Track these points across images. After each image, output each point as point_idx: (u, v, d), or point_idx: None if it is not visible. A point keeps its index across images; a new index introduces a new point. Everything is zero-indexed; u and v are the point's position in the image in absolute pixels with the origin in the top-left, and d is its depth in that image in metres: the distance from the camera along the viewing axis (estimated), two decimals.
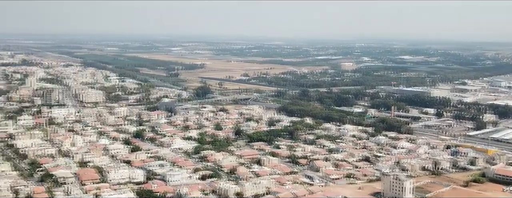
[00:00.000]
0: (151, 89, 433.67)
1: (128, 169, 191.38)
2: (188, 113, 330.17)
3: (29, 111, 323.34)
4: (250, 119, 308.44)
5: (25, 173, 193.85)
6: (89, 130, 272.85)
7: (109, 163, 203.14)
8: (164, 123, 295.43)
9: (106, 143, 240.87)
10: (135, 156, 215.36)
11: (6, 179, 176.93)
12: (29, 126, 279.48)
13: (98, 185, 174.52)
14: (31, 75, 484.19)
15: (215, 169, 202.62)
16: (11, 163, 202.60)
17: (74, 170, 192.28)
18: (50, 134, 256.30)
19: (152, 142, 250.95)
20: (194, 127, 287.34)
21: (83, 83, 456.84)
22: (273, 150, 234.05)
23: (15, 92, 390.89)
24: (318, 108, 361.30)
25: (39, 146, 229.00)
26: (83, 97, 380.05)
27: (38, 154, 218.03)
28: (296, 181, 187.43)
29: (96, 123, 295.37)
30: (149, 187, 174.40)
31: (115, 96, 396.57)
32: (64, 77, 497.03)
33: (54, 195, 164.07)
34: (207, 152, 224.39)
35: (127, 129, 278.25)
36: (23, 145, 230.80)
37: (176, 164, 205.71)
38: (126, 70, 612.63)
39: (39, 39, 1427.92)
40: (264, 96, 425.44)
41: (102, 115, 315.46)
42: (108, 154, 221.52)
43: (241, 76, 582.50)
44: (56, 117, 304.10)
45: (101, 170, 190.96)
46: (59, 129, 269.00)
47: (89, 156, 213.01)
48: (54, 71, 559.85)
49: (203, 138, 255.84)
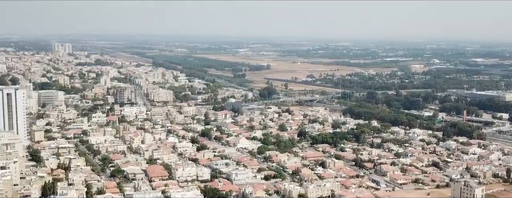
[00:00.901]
0: (218, 90, 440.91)
1: (194, 167, 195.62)
2: (253, 113, 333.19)
3: (102, 108, 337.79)
4: (315, 120, 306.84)
5: (98, 168, 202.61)
6: (159, 128, 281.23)
7: (177, 161, 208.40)
8: (230, 122, 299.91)
9: (174, 141, 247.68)
10: (201, 155, 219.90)
11: (80, 173, 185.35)
12: (102, 123, 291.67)
13: (166, 182, 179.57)
14: (104, 75, 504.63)
15: (279, 169, 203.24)
16: (85, 158, 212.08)
17: (144, 167, 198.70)
18: (121, 131, 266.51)
19: (218, 141, 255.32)
20: (259, 127, 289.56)
21: (154, 83, 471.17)
22: (338, 153, 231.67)
23: (90, 90, 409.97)
24: (385, 110, 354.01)
25: (111, 143, 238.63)
26: (153, 96, 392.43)
27: (110, 150, 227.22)
28: (361, 185, 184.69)
29: (165, 121, 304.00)
30: (215, 185, 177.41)
31: (184, 96, 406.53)
32: (135, 77, 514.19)
33: (124, 191, 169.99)
34: (271, 153, 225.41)
35: (195, 127, 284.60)
36: (96, 141, 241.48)
37: (241, 163, 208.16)
38: (194, 70, 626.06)
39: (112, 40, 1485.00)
40: (330, 98, 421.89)
41: (171, 113, 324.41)
42: (176, 151, 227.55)
43: (306, 77, 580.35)
44: (128, 115, 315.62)
45: (169, 167, 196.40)
46: (130, 127, 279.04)
47: (158, 153, 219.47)
48: (126, 71, 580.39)
49: (268, 138, 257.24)
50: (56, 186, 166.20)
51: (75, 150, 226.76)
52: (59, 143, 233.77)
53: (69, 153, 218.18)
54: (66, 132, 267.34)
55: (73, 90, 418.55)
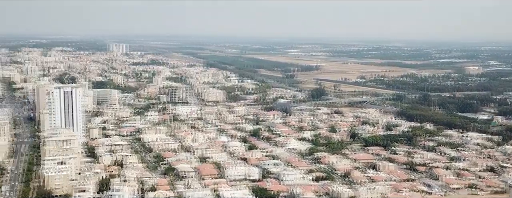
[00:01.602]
0: (268, 90, 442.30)
1: (244, 166, 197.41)
2: (303, 114, 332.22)
3: (156, 107, 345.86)
4: (366, 122, 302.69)
5: (150, 165, 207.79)
6: (210, 127, 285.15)
7: (227, 160, 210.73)
8: (279, 123, 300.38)
9: (224, 140, 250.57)
10: (251, 154, 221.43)
11: (134, 170, 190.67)
12: (155, 121, 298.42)
13: (216, 180, 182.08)
14: (158, 74, 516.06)
15: (328, 171, 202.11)
16: (138, 156, 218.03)
17: (195, 165, 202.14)
18: (173, 130, 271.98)
19: (267, 141, 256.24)
20: (309, 128, 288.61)
21: (205, 83, 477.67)
22: (389, 156, 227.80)
23: (144, 89, 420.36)
24: (439, 113, 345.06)
25: (163, 141, 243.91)
26: (204, 96, 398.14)
27: (162, 148, 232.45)
28: (413, 189, 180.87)
29: (216, 120, 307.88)
30: (264, 185, 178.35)
31: (234, 96, 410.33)
32: (188, 76, 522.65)
33: (176, 188, 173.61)
34: (321, 154, 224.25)
35: (245, 127, 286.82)
36: (149, 139, 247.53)
37: (290, 164, 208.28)
38: (245, 71, 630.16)
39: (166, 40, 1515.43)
40: (382, 99, 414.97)
41: (221, 113, 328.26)
42: (226, 150, 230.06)
43: (357, 78, 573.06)
44: (180, 113, 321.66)
45: (219, 166, 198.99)
46: (182, 125, 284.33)
47: (208, 152, 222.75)
48: (179, 70, 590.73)
49: (317, 139, 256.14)
50: (111, 182, 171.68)
51: (129, 147, 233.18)
52: (114, 140, 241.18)
53: (124, 150, 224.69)
54: (121, 129, 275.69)
55: (128, 89, 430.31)
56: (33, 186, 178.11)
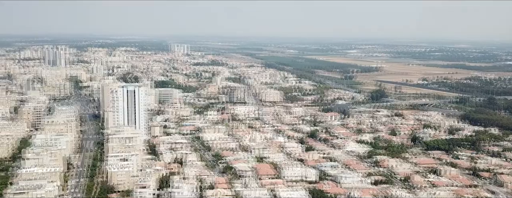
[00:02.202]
0: (326, 91, 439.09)
1: (301, 167, 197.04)
2: (362, 116, 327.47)
3: (215, 107, 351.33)
4: (428, 125, 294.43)
5: (209, 164, 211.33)
6: (267, 128, 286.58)
7: (284, 160, 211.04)
8: (337, 124, 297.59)
9: (282, 140, 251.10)
10: (308, 155, 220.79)
11: (193, 168, 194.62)
12: (214, 120, 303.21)
13: (273, 181, 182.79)
14: (218, 75, 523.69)
15: (388, 175, 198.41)
16: (198, 154, 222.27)
17: (252, 165, 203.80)
18: (232, 129, 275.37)
19: (325, 143, 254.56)
20: (368, 130, 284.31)
21: (263, 83, 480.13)
22: (452, 160, 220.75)
23: (204, 89, 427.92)
24: (505, 117, 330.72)
25: (222, 140, 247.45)
26: (262, 96, 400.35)
27: (221, 147, 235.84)
28: (476, 195, 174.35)
29: (274, 121, 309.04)
30: (321, 187, 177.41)
31: (292, 97, 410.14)
32: (246, 77, 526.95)
33: (234, 187, 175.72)
34: (381, 157, 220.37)
35: (302, 128, 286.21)
36: (208, 138, 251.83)
37: (348, 166, 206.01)
38: (303, 72, 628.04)
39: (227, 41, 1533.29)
40: (445, 102, 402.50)
41: (279, 113, 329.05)
42: (283, 151, 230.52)
43: (419, 80, 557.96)
44: (238, 113, 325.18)
45: (276, 166, 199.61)
46: (240, 125, 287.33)
47: (266, 152, 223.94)
48: (238, 71, 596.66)
49: (377, 142, 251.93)
50: (171, 180, 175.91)
51: (189, 145, 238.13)
52: (175, 138, 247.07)
53: (184, 148, 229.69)
54: (182, 128, 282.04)
55: (189, 89, 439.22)
56: (97, 181, 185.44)
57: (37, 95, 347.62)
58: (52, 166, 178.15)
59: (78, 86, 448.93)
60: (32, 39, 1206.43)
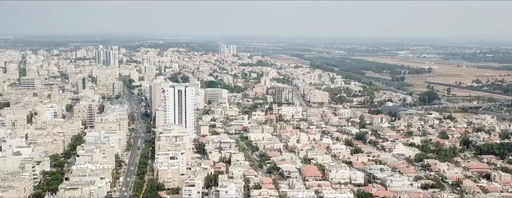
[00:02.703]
0: (375, 93, 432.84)
1: (348, 169, 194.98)
2: (412, 118, 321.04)
3: (262, 107, 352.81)
4: (481, 129, 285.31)
5: (256, 164, 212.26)
6: (314, 129, 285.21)
7: (331, 162, 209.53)
8: (386, 127, 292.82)
9: (328, 142, 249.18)
10: (356, 158, 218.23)
11: (240, 167, 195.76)
12: (261, 121, 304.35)
13: (320, 182, 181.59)
14: (265, 75, 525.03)
15: (438, 179, 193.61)
16: (244, 154, 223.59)
17: (298, 166, 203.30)
18: (278, 130, 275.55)
19: (373, 145, 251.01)
20: (418, 133, 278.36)
21: (310, 84, 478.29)
22: (505, 165, 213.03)
23: (251, 90, 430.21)
24: None
25: (268, 140, 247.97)
26: (309, 97, 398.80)
27: (267, 147, 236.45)
28: None
29: (321, 122, 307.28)
30: (369, 190, 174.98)
31: (340, 98, 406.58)
32: (293, 77, 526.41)
33: (280, 187, 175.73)
34: (431, 161, 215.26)
35: (350, 130, 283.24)
36: (255, 138, 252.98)
37: (397, 169, 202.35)
38: (351, 73, 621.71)
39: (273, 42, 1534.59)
40: (498, 105, 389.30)
41: (326, 115, 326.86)
42: (330, 153, 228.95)
43: (472, 82, 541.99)
44: (285, 114, 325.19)
45: (322, 168, 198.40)
46: (287, 126, 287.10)
47: (312, 153, 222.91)
48: (285, 72, 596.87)
49: (427, 145, 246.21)
50: (218, 178, 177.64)
51: (236, 145, 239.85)
52: (222, 137, 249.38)
53: (230, 147, 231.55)
54: (229, 127, 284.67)
55: (236, 89, 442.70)
56: (146, 178, 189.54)
57: (90, 94, 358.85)
58: (103, 163, 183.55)
59: (129, 86, 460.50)
60: (86, 39, 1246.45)
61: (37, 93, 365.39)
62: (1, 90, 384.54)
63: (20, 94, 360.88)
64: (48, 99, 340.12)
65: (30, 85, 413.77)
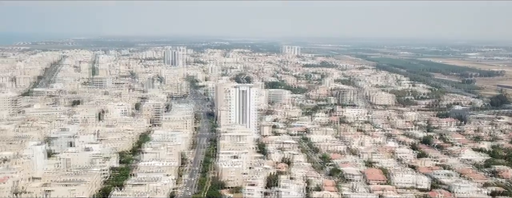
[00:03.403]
0: (442, 96, 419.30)
1: (413, 174, 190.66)
2: (481, 122, 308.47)
3: (324, 108, 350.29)
4: None
5: (317, 165, 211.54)
6: (378, 132, 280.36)
7: (395, 166, 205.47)
8: (453, 131, 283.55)
9: (393, 145, 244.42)
10: (421, 162, 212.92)
11: (301, 169, 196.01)
12: (323, 122, 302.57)
13: (383, 186, 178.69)
14: (328, 76, 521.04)
15: (507, 186, 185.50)
16: (306, 155, 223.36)
17: (361, 169, 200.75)
18: (341, 132, 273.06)
19: (439, 150, 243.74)
20: (487, 138, 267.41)
21: (375, 86, 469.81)
22: None
23: (314, 91, 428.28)
24: None
25: (330, 142, 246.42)
26: (374, 99, 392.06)
27: (329, 149, 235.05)
28: None
29: (385, 125, 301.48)
30: (434, 195, 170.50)
31: (405, 101, 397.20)
32: (357, 79, 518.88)
33: (341, 190, 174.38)
34: (501, 167, 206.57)
35: (415, 134, 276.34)
36: (317, 140, 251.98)
37: (464, 175, 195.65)
38: (418, 74, 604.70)
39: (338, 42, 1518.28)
40: None
41: (391, 117, 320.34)
42: (394, 157, 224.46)
43: None
44: (348, 116, 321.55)
45: (386, 172, 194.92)
46: (350, 128, 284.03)
47: (376, 156, 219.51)
48: (349, 73, 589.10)
49: (496, 151, 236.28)
50: (279, 179, 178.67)
51: (297, 146, 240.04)
52: (284, 138, 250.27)
53: (292, 148, 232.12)
54: (291, 128, 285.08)
55: (298, 90, 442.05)
56: (209, 176, 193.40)
57: (157, 93, 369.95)
58: (168, 160, 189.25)
59: (194, 86, 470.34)
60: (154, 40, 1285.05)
61: (107, 92, 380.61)
62: (75, 89, 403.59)
63: (92, 92, 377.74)
64: (117, 97, 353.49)
65: (101, 84, 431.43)
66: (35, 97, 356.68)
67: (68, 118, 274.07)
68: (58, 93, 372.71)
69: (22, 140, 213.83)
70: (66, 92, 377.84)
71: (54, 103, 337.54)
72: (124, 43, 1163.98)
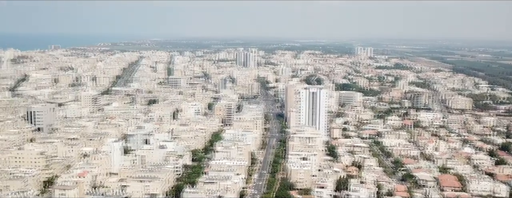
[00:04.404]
0: None
1: (491, 181, 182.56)
2: None
3: (397, 112, 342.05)
4: None
5: (389, 170, 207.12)
6: (454, 137, 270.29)
7: (471, 173, 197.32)
8: None
9: (469, 151, 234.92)
10: (499, 170, 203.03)
11: (372, 173, 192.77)
12: (396, 126, 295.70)
13: (458, 194, 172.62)
14: (402, 79, 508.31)
15: None
16: (377, 159, 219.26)
17: (435, 175, 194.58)
18: (415, 136, 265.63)
19: None
20: None
21: (451, 89, 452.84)
22: None
23: (387, 93, 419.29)
24: None
25: (404, 147, 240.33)
26: (450, 103, 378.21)
27: (402, 154, 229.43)
28: None
29: (461, 130, 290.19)
30: None
31: (483, 105, 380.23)
32: (433, 82, 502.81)
33: (414, 196, 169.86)
34: None
35: (494, 139, 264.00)
36: (389, 144, 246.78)
37: None
38: (498, 78, 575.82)
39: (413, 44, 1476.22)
40: None
41: (468, 122, 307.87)
42: (470, 163, 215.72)
43: None
44: (422, 120, 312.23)
45: (461, 179, 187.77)
46: (424, 132, 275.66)
47: (451, 162, 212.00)
48: (424, 75, 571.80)
49: None
50: (349, 182, 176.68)
51: (368, 150, 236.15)
52: (354, 141, 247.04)
53: (363, 152, 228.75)
54: (362, 131, 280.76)
55: (370, 93, 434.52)
56: (278, 177, 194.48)
57: (229, 94, 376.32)
58: (238, 159, 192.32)
59: (265, 87, 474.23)
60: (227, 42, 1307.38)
61: (182, 92, 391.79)
62: (151, 88, 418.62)
63: (167, 92, 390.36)
64: (191, 97, 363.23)
65: (176, 84, 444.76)
66: (114, 96, 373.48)
67: (144, 116, 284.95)
68: (135, 92, 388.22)
69: (101, 136, 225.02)
70: (143, 92, 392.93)
71: (132, 102, 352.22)
72: (198, 44, 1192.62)
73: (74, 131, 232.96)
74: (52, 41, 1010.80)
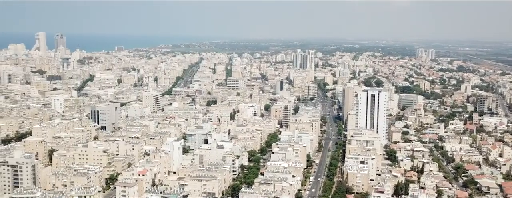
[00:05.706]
0: None
1: None
2: None
3: (460, 116, 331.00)
4: None
5: (450, 176, 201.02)
6: None
7: None
8: None
9: None
10: None
11: (432, 178, 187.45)
12: (458, 130, 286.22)
13: None
14: (466, 82, 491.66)
15: None
16: (438, 164, 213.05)
17: (499, 182, 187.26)
18: (478, 141, 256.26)
19: None
20: None
21: None
22: None
23: (449, 97, 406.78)
24: None
25: (466, 152, 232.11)
26: None
27: (464, 159, 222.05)
28: None
29: None
30: None
31: None
32: (498, 85, 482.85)
33: None
34: None
35: None
36: (451, 149, 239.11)
37: None
38: None
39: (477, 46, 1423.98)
40: None
41: None
42: None
43: None
44: (486, 125, 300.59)
45: None
46: (488, 138, 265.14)
47: None
48: (489, 79, 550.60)
49: None
50: (408, 187, 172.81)
51: (429, 154, 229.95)
52: (415, 145, 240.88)
53: (423, 156, 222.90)
54: (422, 136, 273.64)
55: (432, 96, 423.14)
56: (335, 180, 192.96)
57: (287, 96, 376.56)
58: (295, 161, 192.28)
59: (323, 89, 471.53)
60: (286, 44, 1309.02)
61: (240, 93, 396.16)
62: (210, 89, 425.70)
63: (225, 93, 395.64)
64: (249, 99, 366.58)
65: (234, 85, 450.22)
66: (174, 97, 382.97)
67: (203, 116, 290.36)
68: (195, 93, 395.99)
69: (161, 136, 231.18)
70: (202, 93, 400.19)
71: (191, 102, 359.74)
72: (256, 46, 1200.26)
73: (136, 130, 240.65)
74: (116, 42, 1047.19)
